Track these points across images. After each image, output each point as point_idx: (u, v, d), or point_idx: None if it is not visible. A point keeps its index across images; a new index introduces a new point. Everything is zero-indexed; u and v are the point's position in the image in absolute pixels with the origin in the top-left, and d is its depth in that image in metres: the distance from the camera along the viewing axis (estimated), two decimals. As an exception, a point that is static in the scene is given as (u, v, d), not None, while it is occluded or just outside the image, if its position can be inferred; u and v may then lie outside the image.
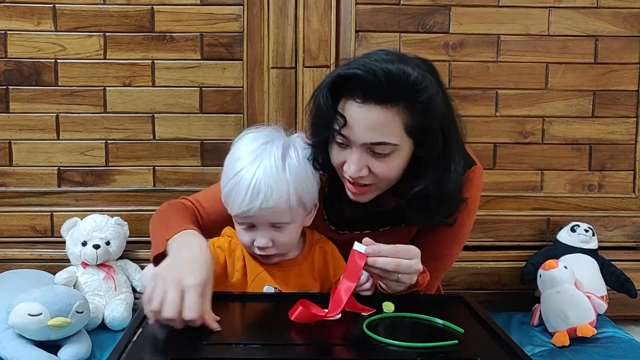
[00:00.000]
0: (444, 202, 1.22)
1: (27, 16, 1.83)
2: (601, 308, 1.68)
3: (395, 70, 1.11)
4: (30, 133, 1.87)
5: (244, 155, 1.17)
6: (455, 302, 1.20)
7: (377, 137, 1.13)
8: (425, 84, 1.13)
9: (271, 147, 1.17)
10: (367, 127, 1.13)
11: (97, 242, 1.72)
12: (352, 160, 1.16)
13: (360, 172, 1.16)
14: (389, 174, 1.18)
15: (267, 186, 1.13)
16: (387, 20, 1.86)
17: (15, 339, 1.48)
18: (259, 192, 1.13)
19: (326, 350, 0.98)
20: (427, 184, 1.18)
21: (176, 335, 1.00)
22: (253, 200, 1.13)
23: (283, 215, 1.16)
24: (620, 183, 1.96)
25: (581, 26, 1.89)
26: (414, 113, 1.13)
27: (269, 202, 1.13)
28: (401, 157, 1.18)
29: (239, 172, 1.14)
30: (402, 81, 1.11)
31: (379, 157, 1.16)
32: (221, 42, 1.86)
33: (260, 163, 1.14)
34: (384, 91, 1.11)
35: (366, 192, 1.21)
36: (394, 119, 1.13)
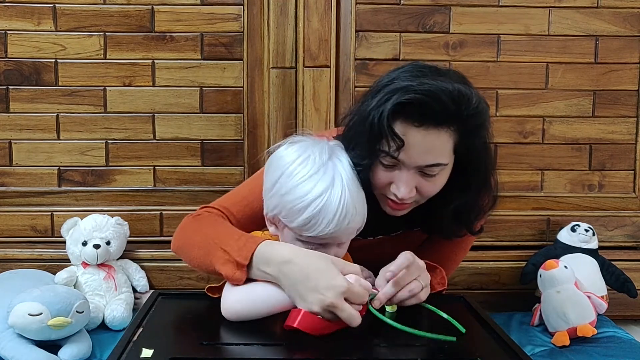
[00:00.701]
0: (476, 215, 1.24)
1: (27, 16, 1.83)
2: (601, 308, 1.68)
3: (456, 93, 1.09)
4: (31, 133, 1.87)
5: (311, 177, 1.11)
6: (456, 302, 1.21)
7: (432, 159, 1.13)
8: (482, 106, 1.13)
9: (338, 164, 1.14)
10: (424, 151, 1.12)
11: (97, 242, 1.72)
12: (402, 182, 1.15)
13: (411, 193, 1.16)
14: (434, 191, 1.19)
15: (353, 208, 1.11)
16: (387, 20, 1.86)
17: (15, 338, 1.48)
18: (348, 213, 1.10)
19: (326, 350, 0.98)
20: (466, 198, 1.20)
21: (176, 335, 1.00)
22: (341, 222, 1.10)
23: (353, 234, 1.16)
24: (621, 183, 1.96)
25: (581, 26, 1.89)
26: (465, 133, 1.13)
27: (355, 223, 1.13)
28: (446, 174, 1.18)
29: (322, 196, 1.09)
30: (464, 104, 1.10)
31: (427, 177, 1.16)
32: (221, 41, 1.86)
33: (342, 186, 1.11)
34: (445, 113, 1.10)
35: (406, 207, 1.21)
36: (448, 140, 1.13)
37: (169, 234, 1.88)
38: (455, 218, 1.23)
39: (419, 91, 1.09)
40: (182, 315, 1.10)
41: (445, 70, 1.17)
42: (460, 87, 1.10)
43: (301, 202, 1.09)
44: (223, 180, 1.91)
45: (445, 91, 1.08)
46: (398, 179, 1.15)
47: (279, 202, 1.12)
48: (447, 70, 1.18)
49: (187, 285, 1.85)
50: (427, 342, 0.98)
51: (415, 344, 0.97)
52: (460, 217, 1.23)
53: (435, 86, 1.09)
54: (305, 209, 1.09)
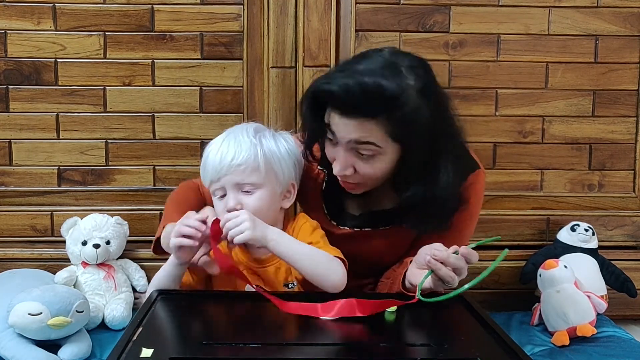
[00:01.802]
0: (435, 209, 1.23)
1: (27, 16, 1.83)
2: (601, 307, 1.68)
3: (372, 85, 1.10)
4: (30, 132, 1.87)
5: (217, 138, 1.28)
6: (455, 302, 1.20)
7: (360, 138, 1.15)
8: (403, 98, 1.12)
9: (243, 127, 1.28)
10: (350, 131, 1.15)
11: (97, 241, 1.72)
12: (338, 158, 1.19)
13: (346, 171, 1.20)
14: (374, 174, 1.21)
15: (237, 145, 1.22)
16: (387, 19, 1.85)
17: (15, 338, 1.48)
18: (228, 150, 1.21)
19: (326, 350, 0.98)
20: (417, 189, 1.20)
21: (176, 335, 1.00)
22: (223, 160, 1.21)
23: (251, 175, 1.22)
24: (620, 182, 1.96)
25: (581, 25, 1.89)
26: (395, 123, 1.14)
27: (237, 159, 1.21)
28: (385, 161, 1.19)
29: (210, 145, 1.26)
30: (378, 97, 1.11)
31: (363, 158, 1.18)
32: (221, 41, 1.86)
33: (226, 134, 1.26)
34: (359, 107, 1.12)
35: (354, 188, 1.25)
36: (375, 129, 1.14)
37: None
38: (412, 210, 1.23)
39: (336, 84, 1.13)
40: (182, 315, 1.10)
41: (400, 61, 1.16)
42: (380, 81, 1.10)
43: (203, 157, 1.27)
44: (223, 180, 1.91)
45: (359, 84, 1.10)
46: (336, 156, 1.20)
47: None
48: (404, 59, 1.16)
49: (187, 284, 1.85)
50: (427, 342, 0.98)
51: (416, 343, 0.97)
52: (421, 210, 1.23)
53: (352, 79, 1.11)
54: (202, 160, 1.27)
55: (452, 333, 1.03)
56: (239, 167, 1.21)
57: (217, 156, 1.22)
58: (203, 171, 1.27)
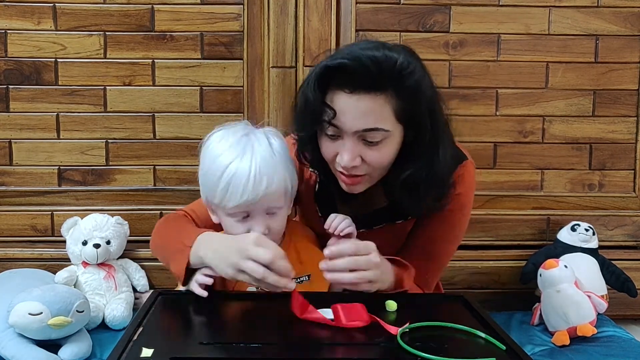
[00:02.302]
0: (433, 186, 1.22)
1: (27, 15, 1.83)
2: (601, 307, 1.68)
3: (382, 57, 1.11)
4: (31, 132, 1.87)
5: (226, 150, 1.17)
6: (456, 302, 1.21)
7: (369, 123, 1.13)
8: (411, 67, 1.13)
9: (254, 137, 1.19)
10: (358, 115, 1.13)
11: (97, 241, 1.72)
12: (345, 150, 1.15)
13: (354, 162, 1.16)
14: (382, 161, 1.18)
15: (268, 171, 1.15)
16: (387, 19, 1.85)
17: (15, 338, 1.48)
18: (262, 178, 1.14)
19: (326, 350, 0.98)
20: (417, 168, 1.19)
21: (176, 335, 1.00)
22: (257, 188, 1.13)
23: (279, 200, 1.18)
24: (621, 182, 1.96)
25: (581, 25, 1.89)
26: (403, 98, 1.13)
27: (272, 186, 1.15)
28: (393, 144, 1.17)
29: (230, 165, 1.14)
30: (390, 66, 1.11)
31: (371, 145, 1.15)
32: (221, 41, 1.86)
33: (252, 152, 1.16)
34: (372, 78, 1.10)
35: (359, 182, 1.21)
36: (384, 105, 1.13)
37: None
38: (411, 190, 1.21)
39: (342, 57, 1.11)
40: (182, 315, 1.10)
41: (394, 45, 1.17)
42: (387, 52, 1.11)
43: (216, 174, 1.15)
44: (223, 180, 1.91)
45: (369, 56, 1.10)
46: (341, 148, 1.16)
47: (203, 182, 1.21)
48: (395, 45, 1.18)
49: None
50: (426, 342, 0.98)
51: (416, 343, 0.97)
52: (417, 189, 1.21)
53: (360, 52, 1.11)
54: (220, 179, 1.15)
55: (454, 333, 1.03)
56: (272, 195, 1.16)
57: (249, 183, 1.13)
58: (224, 196, 1.16)
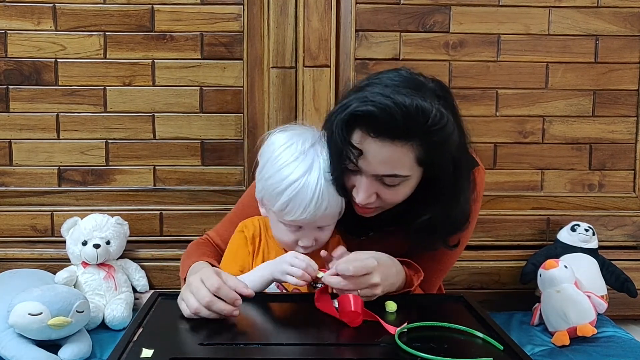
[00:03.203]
0: (449, 228, 1.24)
1: (27, 16, 1.83)
2: (601, 307, 1.68)
3: (413, 108, 1.08)
4: (31, 132, 1.87)
5: (292, 161, 1.17)
6: (456, 302, 1.21)
7: (389, 169, 1.13)
8: (442, 122, 1.10)
9: (319, 151, 1.19)
10: (380, 161, 1.13)
11: (97, 241, 1.72)
12: (361, 188, 1.17)
13: (369, 200, 1.17)
14: (396, 200, 1.20)
15: (329, 194, 1.17)
16: (387, 19, 1.85)
17: (15, 338, 1.48)
18: (324, 200, 1.16)
19: (326, 350, 0.98)
20: (436, 212, 1.19)
21: (176, 335, 1.00)
22: (318, 208, 1.16)
23: (333, 219, 1.22)
24: (621, 182, 1.96)
25: (581, 26, 1.89)
26: (428, 148, 1.12)
27: (332, 208, 1.18)
28: (410, 185, 1.18)
29: (295, 182, 1.15)
30: (420, 120, 1.09)
31: (388, 186, 1.16)
32: (221, 41, 1.86)
33: (318, 171, 1.17)
34: (398, 129, 1.09)
35: (371, 212, 1.23)
36: (407, 154, 1.12)
37: (169, 233, 1.89)
38: (425, 231, 1.22)
39: (372, 103, 1.09)
40: (182, 315, 1.10)
41: (426, 83, 1.15)
42: (419, 103, 1.08)
43: (279, 186, 1.16)
44: (223, 180, 1.91)
45: (399, 105, 1.07)
46: (358, 184, 1.17)
47: (263, 186, 1.21)
48: (426, 82, 1.15)
49: (187, 284, 1.85)
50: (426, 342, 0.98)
51: (415, 343, 0.97)
52: (429, 230, 1.22)
53: (392, 100, 1.08)
54: (283, 192, 1.16)
55: (452, 333, 1.03)
56: (330, 216, 1.20)
57: (312, 202, 1.15)
58: (285, 209, 1.17)
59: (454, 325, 1.05)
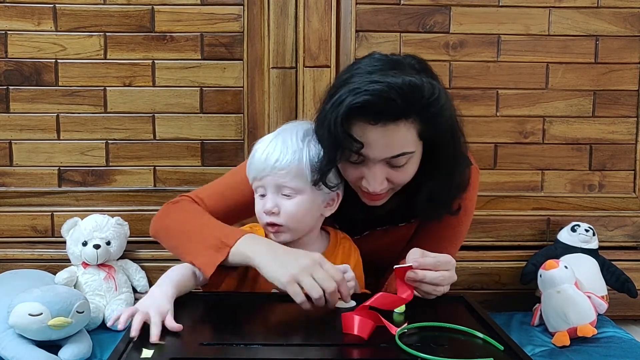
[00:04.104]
0: (451, 195, 1.26)
1: (27, 16, 1.83)
2: (601, 308, 1.68)
3: (407, 86, 1.09)
4: (31, 133, 1.87)
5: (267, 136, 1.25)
6: (456, 302, 1.21)
7: (395, 150, 1.15)
8: (435, 93, 1.13)
9: (294, 128, 1.24)
10: (384, 145, 1.14)
11: (97, 242, 1.72)
12: (372, 176, 1.17)
13: (382, 186, 1.18)
14: (406, 179, 1.21)
15: (283, 147, 1.20)
16: (387, 20, 1.86)
17: (15, 338, 1.48)
18: (274, 152, 1.19)
19: (326, 350, 0.98)
20: (439, 181, 1.21)
21: (176, 335, 1.00)
22: (267, 160, 1.19)
23: (293, 180, 1.19)
24: (621, 183, 1.96)
25: (581, 26, 1.89)
26: (427, 121, 1.14)
27: (280, 161, 1.19)
28: (416, 161, 1.20)
29: (259, 142, 1.23)
30: (415, 96, 1.10)
31: (396, 167, 1.17)
32: (221, 42, 1.86)
33: (277, 135, 1.23)
34: (398, 109, 1.10)
35: (383, 197, 1.23)
36: (409, 130, 1.14)
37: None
38: (430, 201, 1.24)
39: (366, 92, 1.10)
40: (182, 315, 1.10)
41: (401, 60, 1.18)
42: (410, 80, 1.10)
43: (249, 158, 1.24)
44: (223, 181, 1.91)
45: (394, 87, 1.09)
46: (367, 174, 1.18)
47: None
48: (403, 59, 1.18)
49: (187, 285, 1.85)
50: (426, 342, 0.99)
51: (416, 344, 0.97)
52: (434, 200, 1.24)
53: (384, 84, 1.09)
54: (250, 156, 1.24)
55: (453, 333, 1.03)
56: (281, 170, 1.18)
57: (263, 155, 1.20)
58: (248, 167, 1.25)
59: (454, 325, 1.05)
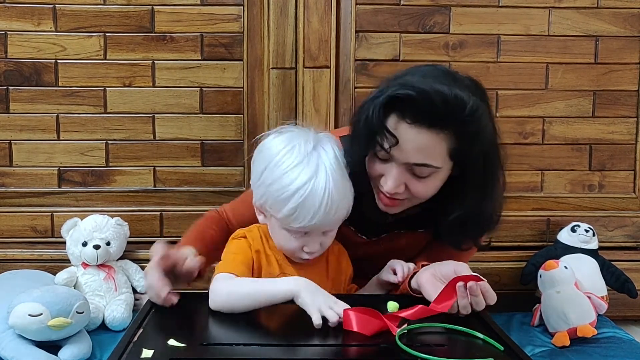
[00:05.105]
0: (480, 227, 1.24)
1: (27, 16, 1.83)
2: (601, 308, 1.68)
3: (451, 97, 1.09)
4: (31, 133, 1.87)
5: (296, 165, 1.13)
6: (456, 303, 1.20)
7: (422, 159, 1.13)
8: (478, 113, 1.11)
9: (323, 153, 1.16)
10: (414, 149, 1.12)
11: (97, 242, 1.72)
12: (391, 176, 1.16)
13: (398, 189, 1.16)
14: (425, 193, 1.18)
15: (339, 197, 1.14)
16: (387, 20, 1.86)
17: (15, 339, 1.48)
18: (333, 205, 1.13)
19: (326, 350, 0.98)
20: (465, 208, 1.19)
21: (176, 336, 1.00)
22: (327, 213, 1.12)
23: (339, 222, 1.19)
24: (621, 183, 1.96)
25: (581, 26, 1.89)
26: (462, 139, 1.12)
27: (341, 211, 1.15)
28: (439, 179, 1.18)
29: (303, 187, 1.11)
30: (458, 109, 1.09)
31: (417, 177, 1.16)
32: (221, 42, 1.86)
33: (325, 175, 1.12)
34: (436, 115, 1.09)
35: (397, 205, 1.21)
36: (441, 143, 1.12)
37: (169, 234, 1.89)
38: (456, 227, 1.22)
39: (412, 88, 1.09)
40: (182, 315, 1.10)
41: (459, 76, 1.16)
42: (457, 92, 1.09)
43: (286, 192, 1.12)
44: (223, 181, 1.91)
45: (439, 92, 1.08)
46: (388, 173, 1.16)
47: (265, 192, 1.16)
48: (461, 77, 1.16)
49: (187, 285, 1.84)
50: (426, 342, 0.99)
51: (415, 344, 0.97)
52: (460, 227, 1.22)
53: (431, 87, 1.09)
54: (290, 198, 1.12)
55: (453, 334, 1.03)
56: (338, 220, 1.17)
57: (320, 208, 1.11)
58: (292, 216, 1.13)
59: (454, 326, 1.05)
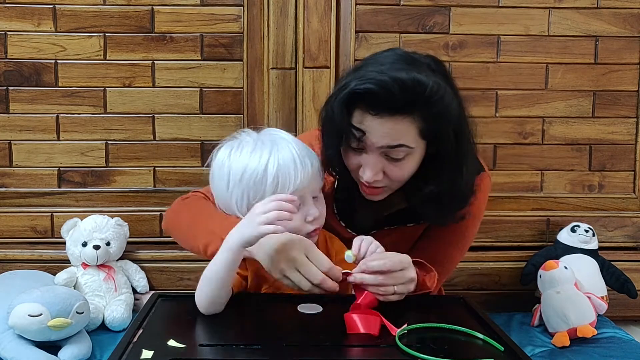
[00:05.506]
0: (456, 200, 1.24)
1: (27, 17, 1.83)
2: (601, 308, 1.68)
3: (410, 81, 1.09)
4: (31, 134, 1.87)
5: (253, 152, 1.17)
6: (456, 303, 1.21)
7: (393, 141, 1.14)
8: (440, 93, 1.12)
9: (269, 135, 1.21)
10: (382, 134, 1.14)
11: (97, 242, 1.72)
12: (368, 165, 1.17)
13: (376, 177, 1.18)
14: (403, 176, 1.20)
15: (306, 152, 1.18)
16: (387, 20, 1.86)
17: (15, 339, 1.48)
18: (304, 159, 1.17)
19: (326, 350, 0.98)
20: (440, 183, 1.20)
21: (176, 336, 1.00)
22: (305, 168, 1.16)
23: (320, 180, 1.21)
24: (621, 183, 1.96)
25: (581, 26, 1.89)
26: (429, 120, 1.13)
27: (315, 165, 1.18)
28: (415, 160, 1.19)
29: (270, 159, 1.15)
30: (418, 92, 1.10)
31: (393, 161, 1.17)
32: (221, 42, 1.86)
33: (284, 142, 1.18)
34: (398, 103, 1.10)
35: (379, 192, 1.23)
36: (409, 126, 1.13)
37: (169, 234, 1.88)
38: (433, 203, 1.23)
39: (370, 81, 1.10)
40: (182, 316, 1.10)
41: (422, 59, 1.16)
42: (415, 76, 1.10)
43: (258, 171, 1.15)
44: (223, 181, 1.91)
45: (397, 80, 1.09)
46: (365, 163, 1.18)
47: (241, 189, 1.17)
48: (420, 58, 1.17)
49: (187, 285, 1.85)
50: (426, 343, 0.99)
51: (415, 344, 0.97)
52: (438, 205, 1.23)
53: (389, 75, 1.09)
54: (265, 173, 1.15)
55: (453, 334, 1.03)
56: (316, 175, 1.19)
57: (296, 165, 1.15)
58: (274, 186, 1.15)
59: (454, 326, 1.05)
